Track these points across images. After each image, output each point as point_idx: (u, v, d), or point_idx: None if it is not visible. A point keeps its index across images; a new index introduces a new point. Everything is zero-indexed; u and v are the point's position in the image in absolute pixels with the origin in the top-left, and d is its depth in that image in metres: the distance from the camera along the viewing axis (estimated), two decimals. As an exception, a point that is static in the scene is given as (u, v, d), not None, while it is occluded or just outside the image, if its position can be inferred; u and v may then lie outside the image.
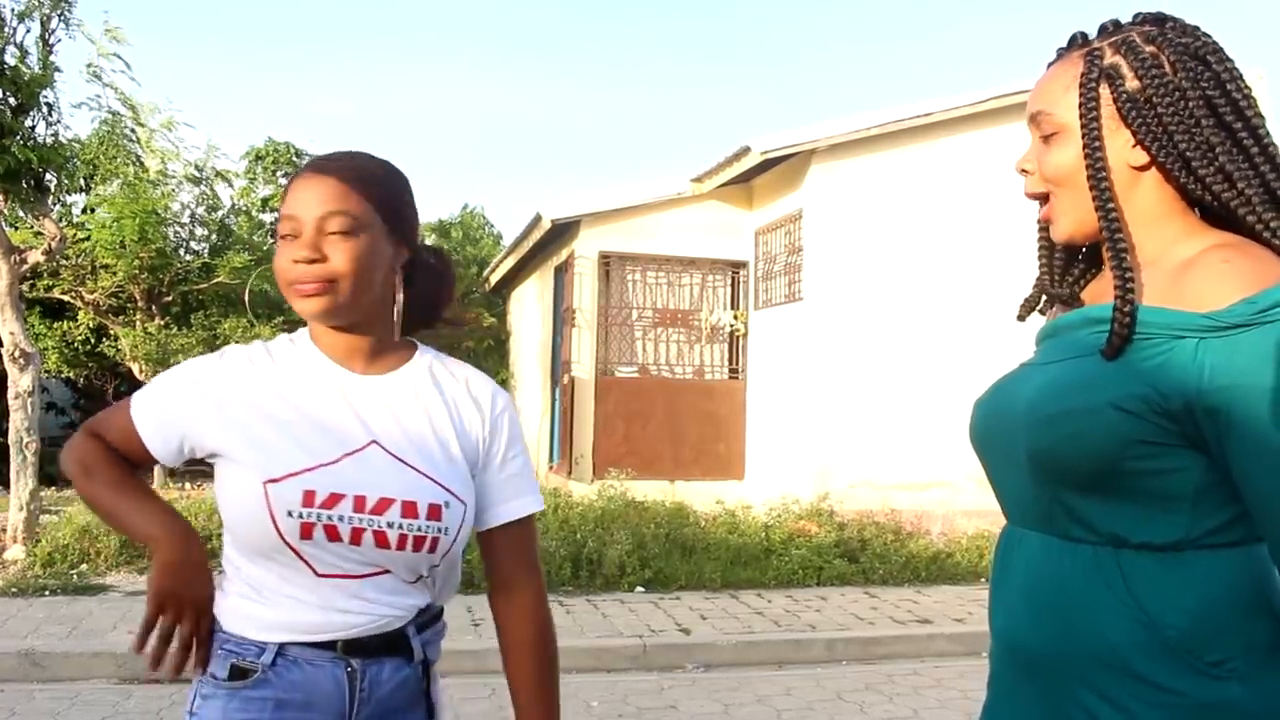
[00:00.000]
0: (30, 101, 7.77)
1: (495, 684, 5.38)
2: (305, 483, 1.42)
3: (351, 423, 1.48)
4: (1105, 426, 1.18)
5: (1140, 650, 1.17)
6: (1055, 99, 1.30)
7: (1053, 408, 1.23)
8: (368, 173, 1.50)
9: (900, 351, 9.55)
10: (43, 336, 13.70)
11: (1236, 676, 1.16)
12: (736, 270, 11.51)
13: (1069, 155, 1.28)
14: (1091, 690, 1.20)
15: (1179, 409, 1.15)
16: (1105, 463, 1.18)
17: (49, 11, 7.88)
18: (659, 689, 5.45)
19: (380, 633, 1.48)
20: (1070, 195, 1.30)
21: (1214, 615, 1.17)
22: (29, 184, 7.96)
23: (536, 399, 13.75)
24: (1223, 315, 1.13)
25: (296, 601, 1.45)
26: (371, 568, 1.45)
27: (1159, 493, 1.18)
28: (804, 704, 5.24)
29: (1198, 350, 1.14)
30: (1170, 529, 1.18)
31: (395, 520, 1.44)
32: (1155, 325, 1.18)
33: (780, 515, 8.96)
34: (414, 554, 1.46)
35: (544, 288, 13.63)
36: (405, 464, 1.47)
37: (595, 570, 7.48)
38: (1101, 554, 1.21)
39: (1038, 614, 1.26)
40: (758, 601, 7.18)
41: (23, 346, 8.01)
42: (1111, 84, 1.26)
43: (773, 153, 9.68)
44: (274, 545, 1.42)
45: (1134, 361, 1.19)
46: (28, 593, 6.76)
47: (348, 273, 1.44)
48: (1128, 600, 1.19)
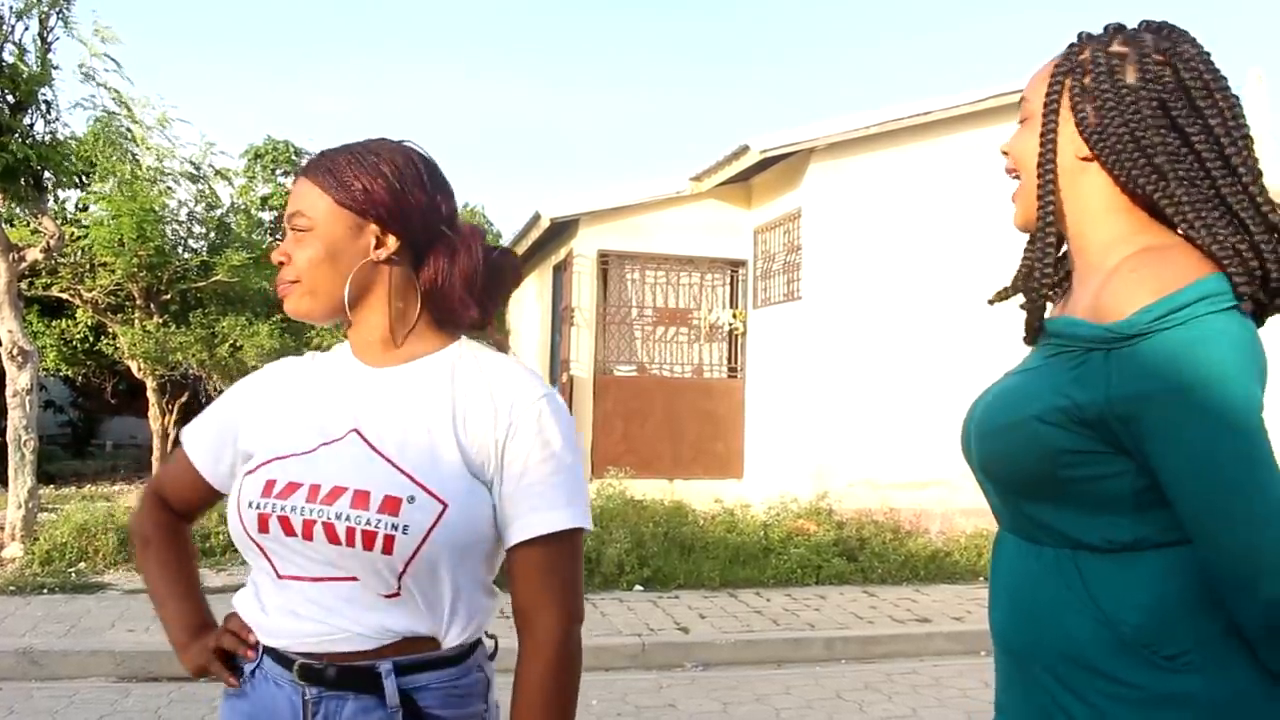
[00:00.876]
0: (28, 100, 7.76)
1: (494, 683, 5.38)
2: (270, 472, 1.38)
3: (337, 412, 1.42)
4: (1030, 438, 1.23)
5: (1100, 647, 1.21)
6: (1034, 87, 1.36)
7: (991, 423, 1.32)
8: (336, 165, 1.43)
9: (899, 350, 9.55)
10: (41, 334, 13.69)
11: (1194, 669, 1.18)
12: (735, 269, 11.51)
13: (1030, 140, 1.35)
14: (1061, 684, 1.25)
15: (1094, 418, 1.19)
16: (1038, 472, 1.24)
17: (47, 10, 7.88)
18: (658, 688, 5.45)
19: (341, 654, 1.33)
20: (1026, 179, 1.36)
21: (1168, 611, 1.19)
22: (27, 182, 7.95)
23: (535, 397, 13.71)
24: (1120, 326, 1.16)
25: (264, 605, 1.40)
26: (333, 570, 1.33)
27: (1100, 497, 1.21)
28: (803, 703, 5.24)
29: (1106, 361, 1.17)
30: (1117, 530, 1.21)
31: (344, 511, 1.31)
32: (1073, 338, 1.22)
33: (779, 514, 8.97)
34: (366, 552, 1.30)
35: (543, 286, 13.63)
36: (378, 454, 1.36)
37: (594, 569, 7.47)
38: (1061, 556, 1.26)
39: (1015, 612, 1.32)
40: (756, 600, 7.18)
41: (21, 344, 8.01)
42: (1074, 76, 1.31)
43: (771, 151, 9.67)
44: (241, 540, 1.40)
45: (1055, 374, 1.23)
46: (26, 591, 6.75)
47: (303, 270, 1.43)
48: (1085, 600, 1.22)
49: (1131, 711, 1.19)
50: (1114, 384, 1.16)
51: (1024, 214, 1.37)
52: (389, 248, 1.43)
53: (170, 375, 12.90)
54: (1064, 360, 1.23)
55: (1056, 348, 1.25)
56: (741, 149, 9.88)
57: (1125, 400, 1.15)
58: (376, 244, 1.43)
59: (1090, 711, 1.22)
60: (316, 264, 1.42)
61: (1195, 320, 1.12)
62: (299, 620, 1.35)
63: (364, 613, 1.33)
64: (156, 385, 12.96)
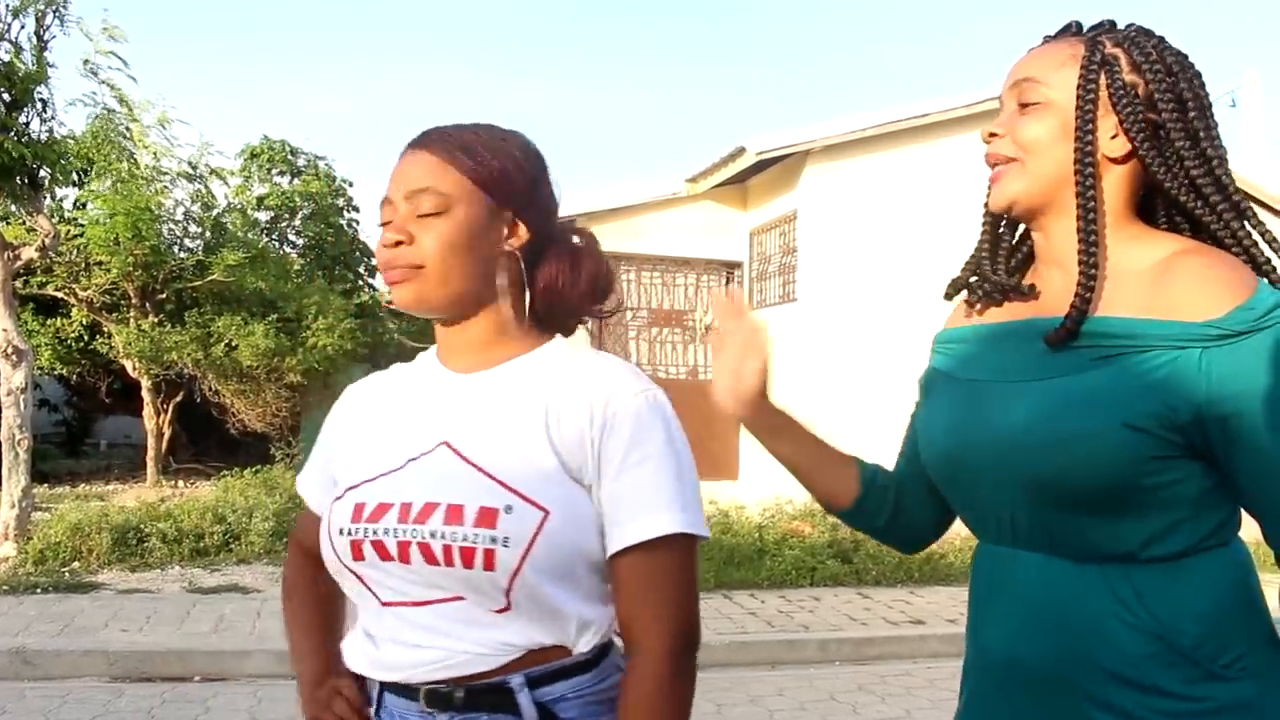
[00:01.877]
0: (25, 98, 7.75)
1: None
2: (358, 495, 1.27)
3: (425, 425, 1.30)
4: (1117, 446, 1.16)
5: (1156, 662, 1.17)
6: (1047, 71, 1.28)
7: (1058, 430, 1.19)
8: (468, 143, 1.30)
9: (895, 352, 9.54)
10: (36, 333, 13.66)
11: (1249, 674, 1.17)
12: (731, 271, 11.51)
13: (1047, 128, 1.27)
14: (1104, 708, 1.19)
15: (1188, 420, 1.15)
16: (1119, 482, 1.17)
17: (44, 8, 7.87)
18: (652, 689, 5.43)
19: (467, 677, 1.22)
20: (1034, 164, 1.27)
21: (1222, 615, 1.18)
22: (23, 180, 7.94)
23: (530, 398, 13.72)
24: (1225, 323, 1.13)
25: (374, 638, 1.28)
26: (438, 592, 1.22)
27: (1166, 504, 1.18)
28: (797, 704, 5.24)
29: (1202, 360, 1.14)
30: (1176, 539, 1.19)
31: (438, 529, 1.19)
32: (1154, 337, 1.17)
33: (774, 515, 8.98)
34: (467, 570, 1.18)
35: (539, 287, 13.61)
36: (471, 465, 1.24)
37: (588, 570, 7.46)
38: (1109, 572, 1.20)
39: (1044, 634, 1.23)
40: (751, 602, 7.18)
41: (15, 343, 7.99)
42: (1109, 71, 1.26)
43: (768, 153, 9.69)
44: (337, 570, 1.29)
45: (1139, 376, 1.17)
46: (19, 590, 6.74)
47: (435, 256, 1.25)
48: (1141, 614, 1.18)
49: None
50: (1215, 382, 1.13)
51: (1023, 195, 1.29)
52: (520, 239, 1.31)
53: (165, 375, 12.89)
54: (1138, 361, 1.17)
55: (1117, 348, 1.19)
56: (738, 151, 9.89)
57: (1230, 398, 1.13)
58: (509, 233, 1.31)
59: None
60: (452, 249, 1.26)
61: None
62: (414, 649, 1.23)
63: (480, 631, 1.22)
64: (151, 385, 12.95)
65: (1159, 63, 1.26)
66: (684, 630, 1.27)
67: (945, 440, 1.35)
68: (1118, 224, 1.27)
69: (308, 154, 17.90)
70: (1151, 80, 1.25)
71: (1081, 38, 1.30)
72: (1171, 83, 1.25)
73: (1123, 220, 1.27)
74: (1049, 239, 1.31)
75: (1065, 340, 1.22)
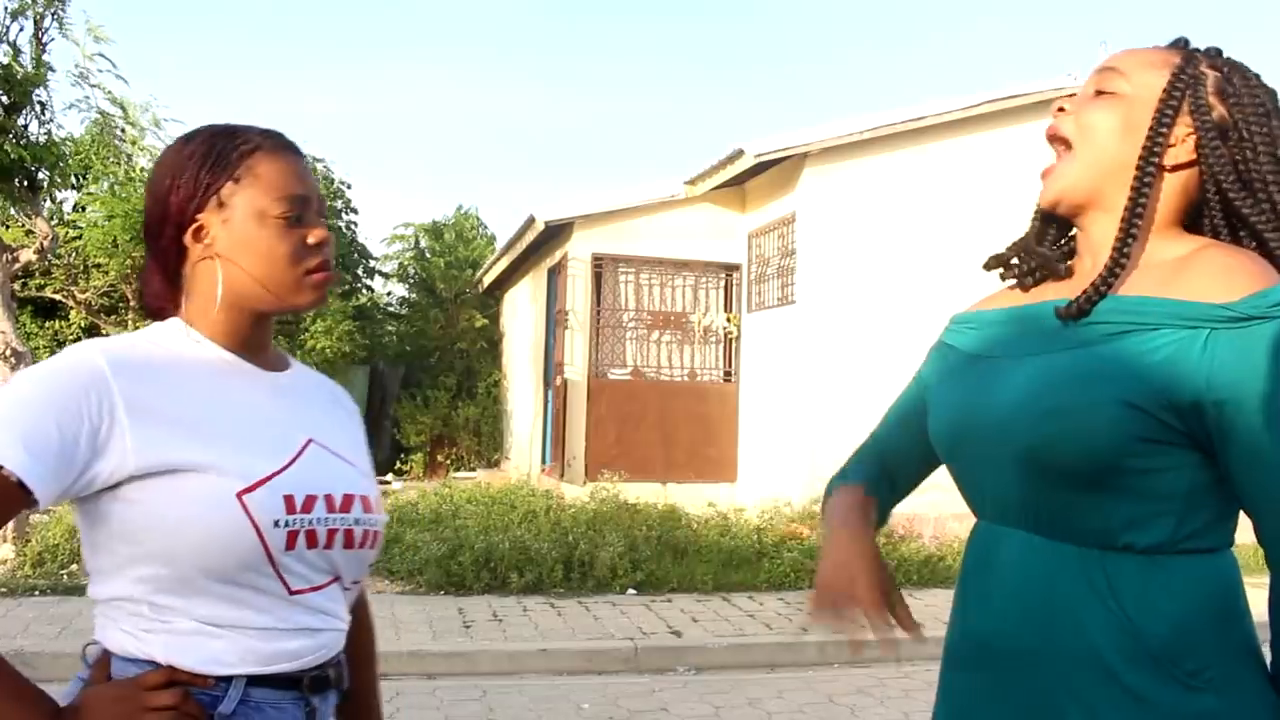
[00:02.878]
0: (23, 100, 7.74)
1: (486, 685, 5.38)
2: (281, 487, 1.26)
3: (288, 421, 1.36)
4: (1110, 422, 1.16)
5: (1123, 656, 1.17)
6: (1132, 67, 1.30)
7: (1052, 401, 1.20)
8: None
9: (893, 354, 9.55)
10: (34, 336, 13.66)
11: (1212, 687, 1.15)
12: (729, 273, 11.52)
13: (1112, 119, 1.29)
14: (1068, 693, 1.19)
15: (1187, 402, 1.14)
16: (1105, 459, 1.16)
17: (42, 10, 7.87)
18: (650, 691, 5.44)
19: (334, 658, 1.33)
20: (1085, 152, 1.30)
21: (1192, 622, 1.17)
22: (21, 183, 7.93)
23: (529, 401, 13.75)
24: (1237, 306, 1.13)
25: (259, 630, 1.26)
26: (327, 575, 1.31)
27: (1152, 492, 1.17)
28: (795, 707, 5.24)
29: (1209, 341, 1.14)
30: (1157, 530, 1.18)
31: (359, 517, 1.33)
32: (1161, 315, 1.17)
33: (772, 518, 8.97)
34: (369, 551, 1.36)
35: (537, 289, 13.63)
36: (342, 459, 1.37)
37: (587, 572, 7.47)
38: (1086, 555, 1.20)
39: (1020, 614, 1.24)
40: (749, 604, 7.18)
41: (14, 346, 7.99)
42: (1194, 87, 1.28)
43: (766, 156, 9.69)
44: (252, 563, 1.23)
45: (1142, 353, 1.17)
46: (17, 593, 6.74)
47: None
48: (1111, 604, 1.18)
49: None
50: (1217, 365, 1.13)
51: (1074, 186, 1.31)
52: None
53: (163, 377, 12.85)
54: (1142, 340, 1.18)
55: (1123, 326, 1.20)
56: (736, 153, 9.90)
57: (1230, 383, 1.12)
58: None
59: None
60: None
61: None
62: (314, 634, 1.29)
63: (342, 607, 1.35)
64: (149, 387, 12.90)
65: (1249, 95, 1.28)
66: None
67: (950, 414, 1.37)
68: (1158, 227, 1.28)
69: (306, 156, 17.88)
70: (1236, 109, 1.27)
71: (1181, 52, 1.32)
72: (1259, 116, 1.26)
73: (1163, 225, 1.29)
74: (1089, 235, 1.33)
75: (1076, 316, 1.23)
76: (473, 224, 20.11)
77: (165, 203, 1.33)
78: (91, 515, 1.25)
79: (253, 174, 1.32)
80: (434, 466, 15.37)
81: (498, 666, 5.72)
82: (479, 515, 8.72)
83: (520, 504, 9.26)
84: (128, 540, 1.23)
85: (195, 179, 1.32)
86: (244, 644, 1.24)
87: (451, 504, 9.37)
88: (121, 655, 1.26)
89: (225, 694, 1.23)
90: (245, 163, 1.32)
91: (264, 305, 1.35)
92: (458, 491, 10.27)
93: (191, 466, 1.22)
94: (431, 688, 5.34)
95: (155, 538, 1.22)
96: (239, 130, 1.36)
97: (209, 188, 1.31)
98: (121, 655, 1.26)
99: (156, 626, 1.24)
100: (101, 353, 1.23)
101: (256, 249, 1.31)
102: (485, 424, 15.64)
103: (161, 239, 1.34)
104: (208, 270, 1.33)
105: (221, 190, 1.31)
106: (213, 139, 1.34)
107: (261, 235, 1.31)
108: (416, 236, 19.37)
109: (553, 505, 9.17)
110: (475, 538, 7.69)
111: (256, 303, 1.34)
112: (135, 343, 1.30)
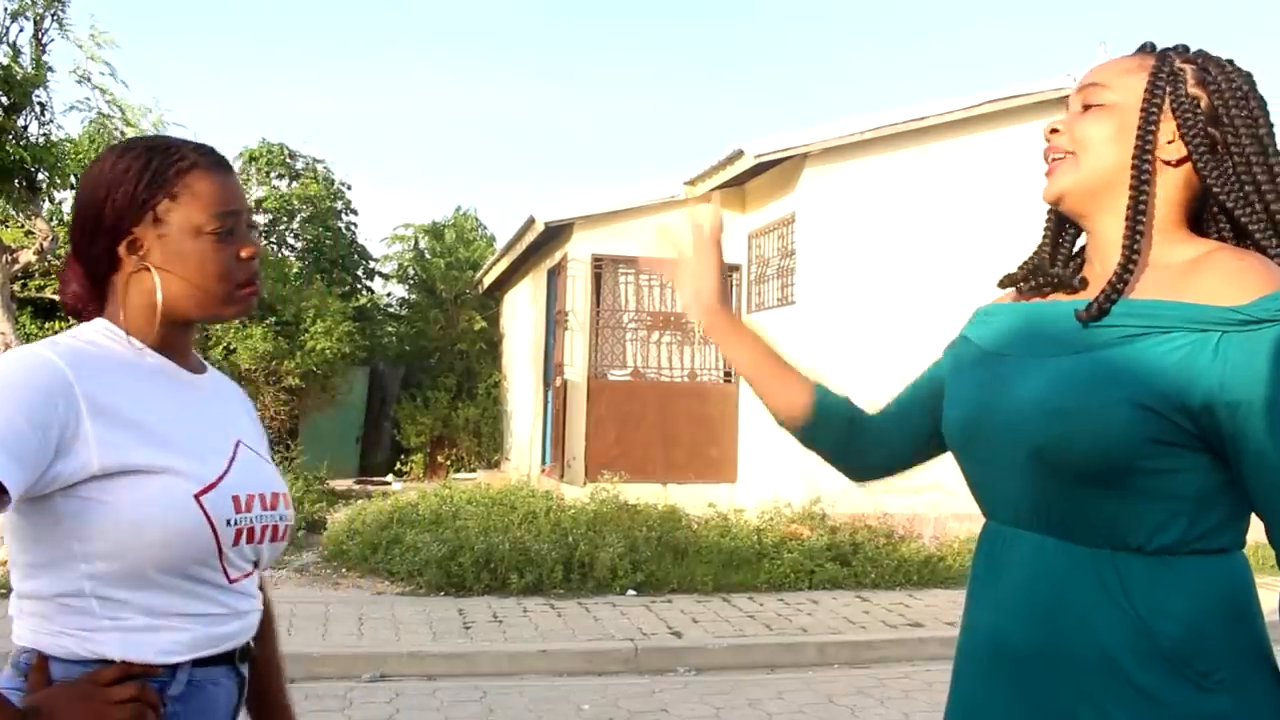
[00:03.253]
0: (23, 101, 7.75)
1: (486, 686, 5.38)
2: (229, 489, 1.35)
3: (219, 424, 1.44)
4: (1122, 423, 1.17)
5: (1134, 656, 1.18)
6: (1113, 76, 1.35)
7: (1065, 402, 1.22)
8: None
9: (893, 355, 9.55)
10: (34, 336, 13.62)
11: (1224, 688, 1.16)
12: (729, 274, 11.52)
13: (1105, 128, 1.33)
14: (1079, 693, 1.20)
15: (1199, 405, 1.16)
16: (1117, 460, 1.18)
17: (42, 11, 7.87)
18: (650, 692, 5.44)
19: (255, 632, 1.47)
20: (1087, 159, 1.33)
21: (1204, 623, 1.18)
22: (21, 184, 7.94)
23: (529, 402, 13.74)
24: (1249, 309, 1.15)
25: (204, 617, 1.34)
26: (252, 564, 1.43)
27: (1164, 493, 1.19)
28: (795, 708, 5.24)
29: (1220, 344, 1.15)
30: (1169, 531, 1.19)
31: (284, 513, 1.45)
32: (1174, 318, 1.19)
33: (772, 518, 8.97)
34: (284, 543, 1.48)
35: (537, 290, 13.63)
36: (262, 458, 1.48)
37: (587, 573, 7.47)
38: (1099, 556, 1.21)
39: (1032, 615, 1.25)
40: (749, 605, 7.18)
41: (13, 346, 7.99)
42: (1174, 82, 1.32)
43: (766, 156, 9.69)
44: (204, 558, 1.32)
45: (1155, 356, 1.19)
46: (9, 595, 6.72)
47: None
48: (1123, 604, 1.19)
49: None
50: (1229, 367, 1.14)
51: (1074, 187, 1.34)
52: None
53: (163, 378, 12.85)
54: (1155, 343, 1.20)
55: (1137, 329, 1.22)
56: (736, 153, 9.90)
57: (1242, 385, 1.14)
58: None
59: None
60: None
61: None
62: (244, 616, 1.42)
63: (257, 590, 1.47)
64: (149, 388, 12.90)
65: (1226, 81, 1.31)
66: None
67: (965, 411, 1.39)
68: (1164, 224, 1.31)
69: (306, 157, 17.91)
70: (1215, 96, 1.31)
71: (1154, 54, 1.36)
72: (1238, 99, 1.30)
73: (1168, 222, 1.31)
74: (1095, 237, 1.36)
75: (1096, 317, 1.25)
76: (472, 225, 20.12)
77: (99, 214, 1.36)
78: (42, 513, 1.26)
79: (189, 191, 1.36)
80: (434, 467, 15.37)
81: (498, 667, 5.72)
82: (479, 516, 8.72)
83: (520, 505, 9.26)
84: (80, 537, 1.26)
85: (132, 194, 1.35)
86: (191, 632, 1.33)
87: (451, 505, 9.36)
88: (65, 658, 1.27)
89: (173, 678, 1.31)
90: (182, 180, 1.36)
91: (194, 315, 1.41)
92: (458, 492, 10.27)
93: (150, 468, 1.28)
94: (432, 689, 5.34)
95: (111, 535, 1.26)
96: (174, 146, 1.40)
97: (145, 203, 1.35)
98: (65, 658, 1.27)
99: (106, 624, 1.27)
100: (58, 355, 1.27)
101: (191, 263, 1.36)
102: (485, 425, 15.64)
103: (94, 248, 1.38)
104: (141, 281, 1.37)
105: (158, 206, 1.36)
106: (149, 154, 1.38)
107: (196, 250, 1.36)
108: (416, 237, 19.38)
109: (553, 506, 9.16)
110: (475, 539, 7.69)
111: (187, 313, 1.40)
112: (80, 345, 1.33)
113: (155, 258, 1.36)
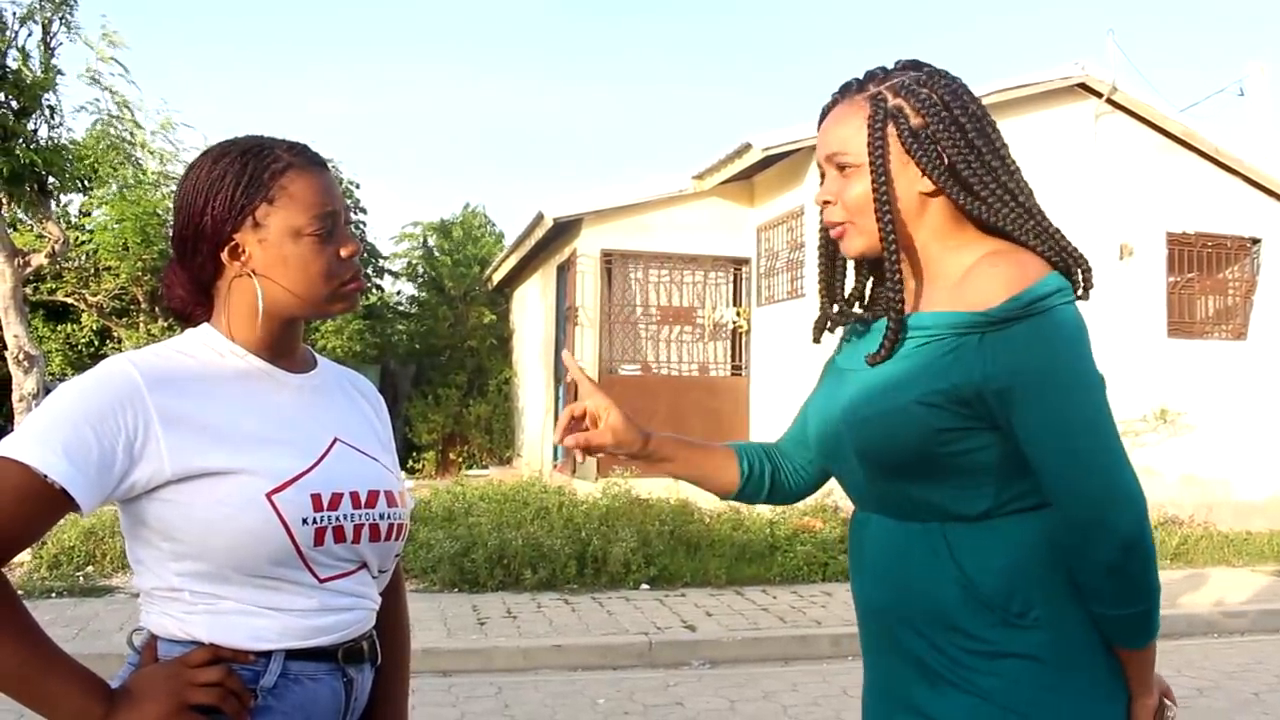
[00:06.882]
0: (32, 105, 7.79)
1: (501, 682, 5.40)
2: (309, 486, 1.34)
3: (315, 422, 1.43)
4: (912, 421, 1.38)
5: (961, 606, 1.39)
6: (847, 140, 1.46)
7: (867, 410, 1.44)
8: None
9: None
10: (47, 339, 13.73)
11: (1039, 625, 1.37)
12: (739, 267, 11.52)
13: (863, 188, 1.45)
14: (924, 640, 1.43)
15: (971, 396, 1.35)
16: (917, 450, 1.38)
17: (50, 15, 7.90)
18: (665, 685, 5.45)
19: (366, 633, 1.43)
20: (865, 221, 1.46)
21: (1019, 573, 1.38)
22: (32, 187, 7.98)
23: (540, 397, 13.77)
24: (994, 312, 1.33)
25: (296, 612, 1.35)
26: (355, 563, 1.40)
27: (968, 469, 1.38)
28: (810, 700, 5.25)
29: (981, 344, 1.34)
30: (981, 500, 1.39)
31: (385, 511, 1.42)
32: (943, 327, 1.38)
33: (784, 512, 8.97)
34: (395, 543, 1.45)
35: (546, 286, 13.65)
36: (367, 455, 1.46)
37: (600, 568, 7.49)
38: (930, 528, 1.42)
39: (884, 581, 1.48)
40: (763, 598, 7.19)
41: (27, 349, 8.03)
42: (896, 123, 1.43)
43: (774, 149, 9.68)
44: (282, 559, 1.32)
45: (930, 361, 1.38)
46: (34, 595, 6.78)
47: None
48: (950, 565, 1.40)
49: (983, 661, 1.38)
50: (990, 361, 1.33)
51: (869, 247, 1.47)
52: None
53: (175, 378, 12.91)
54: (934, 348, 1.38)
55: (924, 339, 1.40)
56: (744, 147, 9.89)
57: (1002, 375, 1.32)
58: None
59: (947, 661, 1.40)
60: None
61: (1053, 309, 1.33)
62: (342, 613, 1.39)
63: (371, 590, 1.45)
64: (162, 388, 12.96)
65: (933, 100, 1.44)
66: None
67: (815, 421, 1.59)
68: (942, 240, 1.46)
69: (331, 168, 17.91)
70: (932, 119, 1.43)
71: (865, 94, 1.47)
72: (947, 115, 1.42)
73: (947, 236, 1.46)
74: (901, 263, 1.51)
75: (884, 360, 1.43)
76: (481, 222, 20.15)
77: (199, 221, 1.37)
78: (134, 515, 1.33)
79: (286, 194, 1.37)
80: (446, 464, 15.42)
81: (512, 663, 5.74)
82: (492, 512, 8.74)
83: (533, 501, 9.28)
84: (167, 537, 1.31)
85: (230, 200, 1.36)
86: (282, 620, 1.34)
87: (464, 502, 9.39)
88: (166, 638, 1.34)
89: (266, 668, 1.32)
90: (278, 182, 1.37)
91: (299, 315, 1.43)
92: (470, 489, 10.29)
93: (223, 470, 1.30)
94: (447, 684, 5.36)
95: (192, 536, 1.30)
96: (268, 148, 1.40)
97: (244, 209, 1.36)
98: (166, 638, 1.34)
99: (199, 608, 1.32)
100: (135, 366, 1.31)
101: (293, 266, 1.37)
102: (496, 421, 15.67)
103: (197, 255, 1.39)
104: (244, 286, 1.39)
105: (256, 211, 1.36)
106: (244, 159, 1.38)
107: (297, 253, 1.37)
108: (425, 235, 19.42)
109: (565, 502, 9.18)
110: (488, 535, 7.71)
111: (292, 313, 1.42)
112: (166, 354, 1.37)
113: (257, 262, 1.37)
